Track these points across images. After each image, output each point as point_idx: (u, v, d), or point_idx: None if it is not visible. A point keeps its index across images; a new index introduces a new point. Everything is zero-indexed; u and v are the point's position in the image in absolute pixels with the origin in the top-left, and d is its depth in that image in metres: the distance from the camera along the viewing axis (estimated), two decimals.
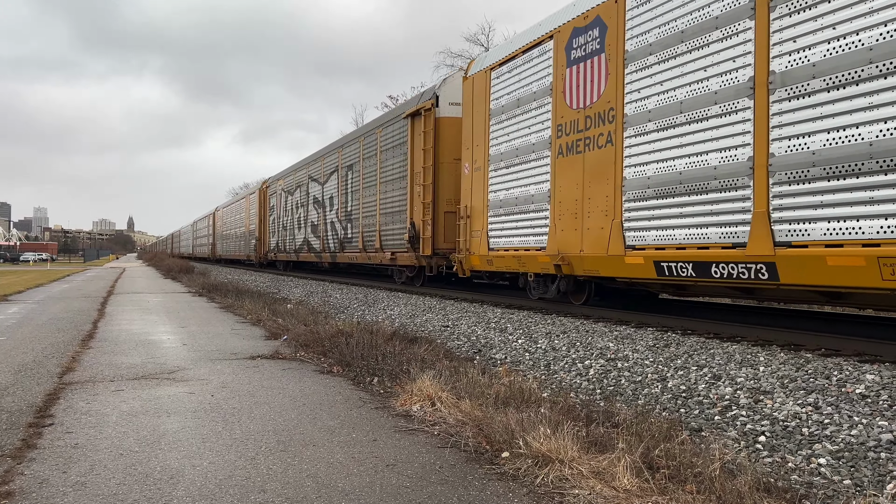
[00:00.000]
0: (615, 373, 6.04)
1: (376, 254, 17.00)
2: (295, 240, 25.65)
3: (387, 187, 16.40)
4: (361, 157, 18.35)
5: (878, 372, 5.12)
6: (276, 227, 29.21)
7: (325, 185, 21.91)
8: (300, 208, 24.89)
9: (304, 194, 24.28)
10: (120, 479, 3.47)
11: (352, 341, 7.19)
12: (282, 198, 28.23)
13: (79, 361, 7.05)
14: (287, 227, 26.95)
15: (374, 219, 17.09)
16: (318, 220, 22.31)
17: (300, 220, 24.80)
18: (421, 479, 3.48)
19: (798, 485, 3.39)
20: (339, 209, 20.13)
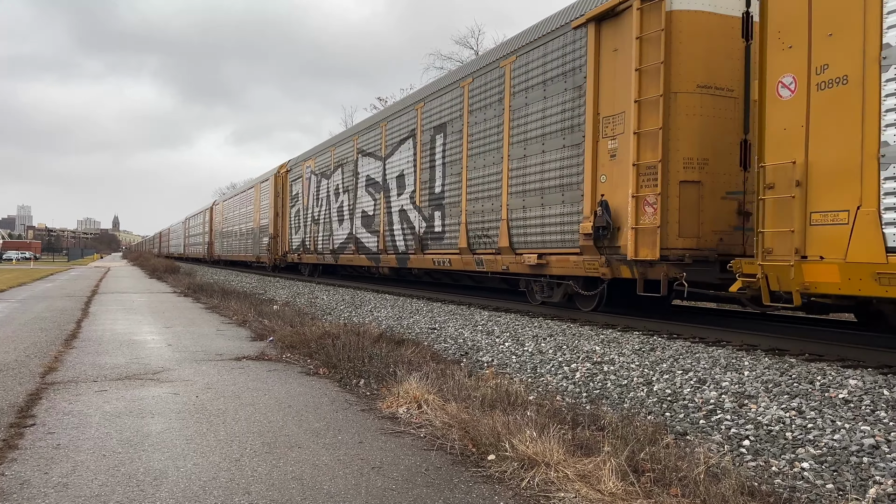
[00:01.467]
0: (601, 376, 6.06)
1: (497, 256, 11.14)
2: (333, 237, 19.50)
3: (529, 148, 10.40)
4: (466, 109, 12.22)
5: (860, 377, 5.18)
6: (300, 221, 23.13)
7: (388, 160, 15.94)
8: (342, 194, 18.90)
9: (350, 175, 18.29)
10: (102, 481, 3.43)
11: (338, 343, 7.16)
12: (311, 183, 22.07)
13: (62, 361, 6.98)
14: (320, 219, 20.81)
15: (496, 201, 11.16)
16: (375, 208, 16.58)
17: (342, 211, 18.81)
18: (407, 481, 3.47)
19: (781, 489, 3.41)
20: (418, 191, 14.13)
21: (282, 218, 25.79)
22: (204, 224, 47.44)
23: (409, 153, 14.79)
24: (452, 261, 12.75)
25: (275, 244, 26.44)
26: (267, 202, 27.70)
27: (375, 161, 16.79)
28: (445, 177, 13.05)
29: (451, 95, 12.96)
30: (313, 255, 21.61)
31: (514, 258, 10.67)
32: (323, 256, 20.61)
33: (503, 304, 11.91)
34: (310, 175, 22.44)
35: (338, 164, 19.62)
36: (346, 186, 18.74)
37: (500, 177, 11.15)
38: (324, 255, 20.52)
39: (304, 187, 22.89)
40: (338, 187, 19.51)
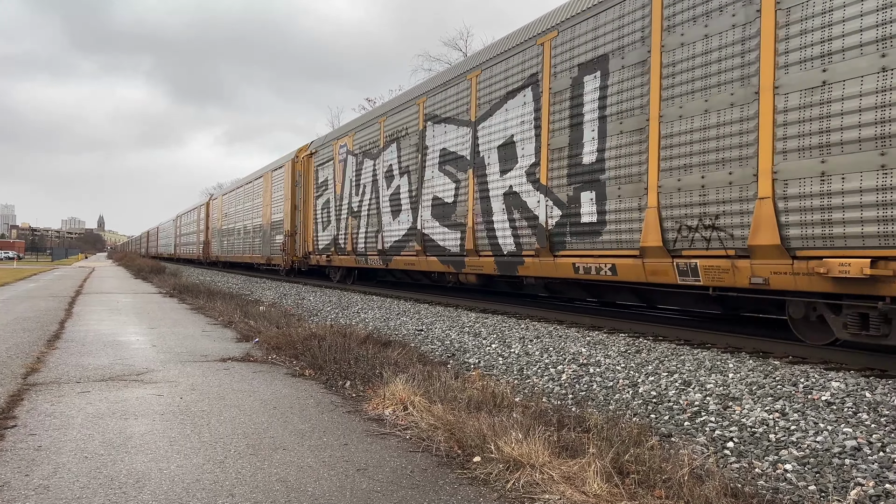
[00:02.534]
0: (587, 378, 6.08)
1: (752, 263, 6.50)
2: (382, 233, 14.97)
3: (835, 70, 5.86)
4: (658, 24, 7.73)
5: (843, 379, 5.22)
6: (329, 215, 18.63)
7: (481, 125, 11.24)
8: (399, 177, 14.32)
9: (412, 151, 13.71)
10: (84, 483, 3.40)
11: (324, 344, 7.14)
12: (348, 166, 17.47)
13: (44, 362, 6.91)
14: (361, 211, 16.35)
15: (747, 168, 6.60)
16: (458, 192, 11.91)
17: (399, 198, 14.26)
18: (392, 483, 3.46)
19: (765, 490, 3.44)
20: (544, 164, 9.61)
21: (302, 212, 21.12)
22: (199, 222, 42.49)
23: (523, 110, 10.09)
24: (621, 267, 8.15)
25: (292, 243, 21.86)
26: (281, 194, 23.30)
27: (457, 128, 12.01)
28: (607, 137, 8.49)
29: (622, 9, 8.31)
30: (349, 257, 16.96)
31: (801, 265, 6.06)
32: (365, 258, 15.93)
33: (490, 305, 11.92)
34: (345, 156, 17.67)
35: (391, 139, 14.82)
36: (406, 166, 14.01)
37: (752, 126, 6.54)
38: (366, 257, 15.87)
39: (337, 172, 18.12)
40: (391, 168, 14.77)
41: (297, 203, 21.76)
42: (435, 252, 12.76)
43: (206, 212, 39.75)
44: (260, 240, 26.31)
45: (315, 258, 19.96)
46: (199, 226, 41.98)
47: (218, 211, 36.46)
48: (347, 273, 19.27)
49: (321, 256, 19.34)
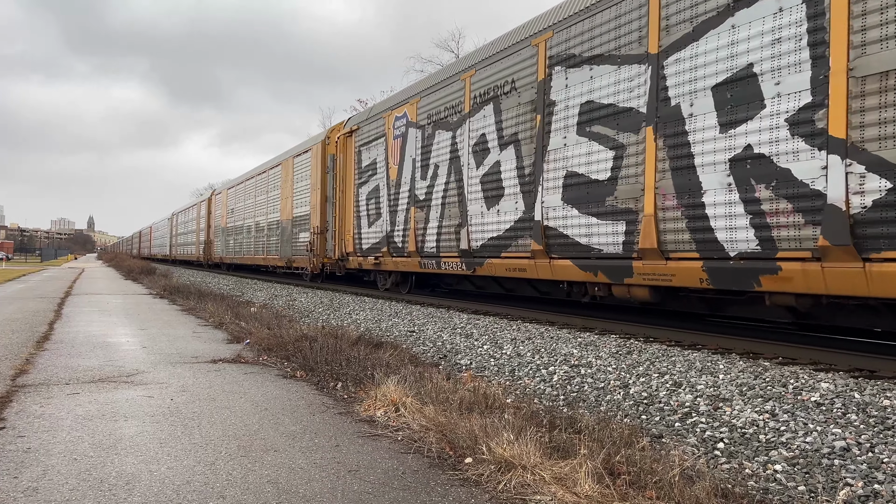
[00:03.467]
0: (578, 379, 6.09)
1: None
2: (469, 227, 11.41)
3: None
4: None
5: (832, 380, 5.26)
6: (380, 206, 14.97)
7: (670, 59, 7.65)
8: (498, 150, 10.68)
9: (521, 113, 10.16)
10: (73, 485, 3.38)
11: (316, 346, 7.12)
12: (409, 144, 13.66)
13: (33, 364, 6.86)
14: (431, 200, 12.74)
15: None
16: (613, 164, 8.40)
17: (496, 179, 10.73)
18: (383, 484, 3.46)
19: (755, 491, 3.45)
20: (873, 98, 5.60)
21: (338, 204, 17.27)
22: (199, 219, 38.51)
23: (779, 21, 6.50)
24: None
25: (321, 243, 18.15)
26: (306, 184, 19.68)
27: (617, 69, 8.38)
28: None
29: None
30: (410, 259, 13.40)
31: None
32: (436, 261, 12.38)
33: (482, 306, 11.92)
34: (404, 130, 13.91)
35: (483, 99, 11.11)
36: (511, 134, 10.31)
37: None
38: (438, 260, 12.31)
39: (392, 151, 14.47)
40: (482, 139, 11.02)
41: (330, 194, 17.93)
42: (568, 252, 8.99)
43: (208, 208, 35.89)
44: (277, 239, 22.53)
45: (356, 260, 16.15)
46: (200, 224, 38.06)
47: (222, 207, 32.55)
48: (403, 279, 15.16)
49: (366, 258, 15.52)
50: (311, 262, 18.78)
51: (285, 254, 21.72)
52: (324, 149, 18.64)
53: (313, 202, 19.11)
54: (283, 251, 22.02)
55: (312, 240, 18.84)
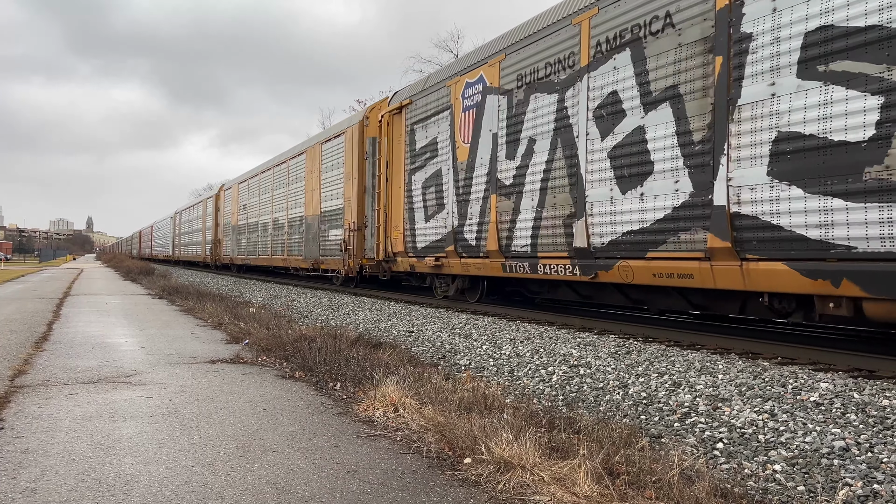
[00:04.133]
0: (578, 379, 6.09)
1: None
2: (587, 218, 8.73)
3: None
4: None
5: (831, 380, 5.26)
6: (443, 195, 12.34)
7: None
8: (639, 113, 8.02)
9: (681, 59, 7.46)
10: (72, 486, 3.37)
11: (314, 346, 7.12)
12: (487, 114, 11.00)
13: (31, 364, 6.85)
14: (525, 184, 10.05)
15: None
16: (883, 116, 5.51)
17: (640, 152, 7.98)
18: (382, 485, 3.46)
19: (754, 491, 3.45)
20: None
21: (382, 195, 14.58)
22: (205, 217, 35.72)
23: None
24: None
25: (359, 241, 15.78)
26: (339, 172, 17.17)
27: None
28: None
29: None
30: (486, 261, 10.84)
31: None
32: (531, 263, 9.78)
33: (480, 307, 11.92)
34: (480, 98, 11.11)
35: (615, 45, 8.45)
36: (663, 89, 7.71)
37: None
38: (535, 262, 9.70)
39: (461, 126, 11.65)
40: (611, 100, 8.45)
41: (370, 184, 15.55)
42: (781, 252, 6.40)
43: (216, 205, 33.02)
44: (300, 237, 19.89)
45: (406, 262, 13.55)
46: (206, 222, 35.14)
47: (232, 203, 29.50)
48: (471, 285, 12.33)
49: (421, 260, 12.87)
50: (346, 264, 16.08)
51: (311, 254, 18.83)
52: (361, 131, 15.86)
53: (348, 194, 16.44)
54: (307, 251, 19.16)
55: (347, 238, 16.14)
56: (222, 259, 31.50)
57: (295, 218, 21.04)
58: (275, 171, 23.77)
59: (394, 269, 14.47)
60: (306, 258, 19.38)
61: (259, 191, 25.62)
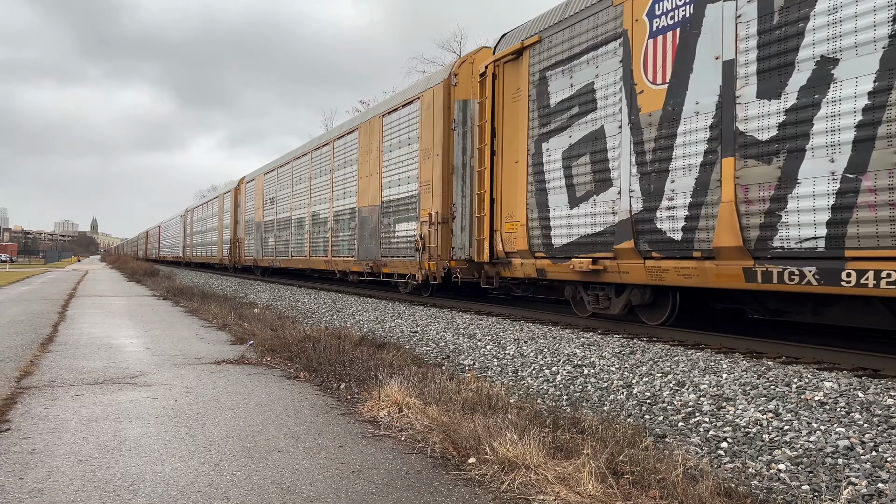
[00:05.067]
0: (582, 379, 6.09)
1: None
2: None
3: None
4: None
5: (836, 379, 5.25)
6: (616, 164, 8.37)
7: None
8: None
9: None
10: (78, 486, 3.39)
11: (319, 346, 7.13)
12: (711, 33, 7.13)
13: (38, 365, 6.88)
14: (812, 135, 6.14)
15: None
16: None
17: None
18: (387, 484, 3.47)
19: (758, 490, 3.45)
20: None
21: (483, 175, 11.07)
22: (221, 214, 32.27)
23: None
24: None
25: (443, 237, 12.28)
26: (411, 151, 13.62)
27: None
28: None
29: None
30: (713, 265, 7.11)
31: None
32: (843, 274, 5.86)
33: (484, 307, 11.93)
34: (689, 12, 7.46)
35: None
36: None
37: None
38: (840, 270, 5.89)
39: (648, 60, 7.98)
40: None
41: (460, 163, 11.97)
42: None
43: (234, 200, 29.43)
44: (350, 234, 16.23)
45: (530, 265, 9.95)
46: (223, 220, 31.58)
47: (255, 197, 25.81)
48: (653, 299, 8.56)
49: (563, 262, 9.24)
50: (423, 267, 12.44)
51: (367, 255, 15.13)
52: (447, 93, 12.41)
53: (426, 177, 12.70)
54: (362, 251, 15.49)
55: (425, 233, 12.43)
56: (243, 260, 27.71)
57: (343, 210, 17.11)
58: (313, 156, 19.81)
59: (507, 275, 10.73)
60: (360, 259, 15.45)
61: (292, 181, 21.51)
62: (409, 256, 13.35)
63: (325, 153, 18.90)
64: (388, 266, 14.33)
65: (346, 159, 17.33)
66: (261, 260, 25.21)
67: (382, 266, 14.61)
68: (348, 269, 16.68)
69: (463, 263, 11.79)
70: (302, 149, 21.51)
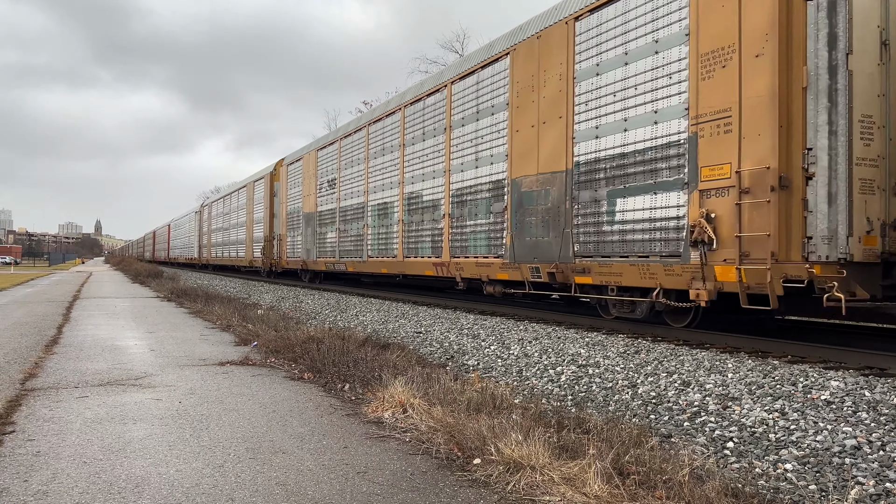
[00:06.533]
0: (586, 379, 6.08)
1: None
2: None
3: None
4: None
5: (842, 378, 5.22)
6: None
7: None
8: None
9: None
10: (83, 488, 3.39)
11: (323, 347, 7.13)
12: None
13: (42, 367, 6.89)
14: None
15: None
16: None
17: None
18: (392, 486, 3.46)
19: (765, 490, 3.43)
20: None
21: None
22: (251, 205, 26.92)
23: None
24: None
25: (778, 216, 6.29)
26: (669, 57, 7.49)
27: None
28: None
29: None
30: None
31: None
32: None
33: (488, 307, 11.91)
34: None
35: None
36: None
37: None
38: None
39: None
40: None
41: (826, 63, 6.11)
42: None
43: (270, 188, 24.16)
44: (491, 221, 10.81)
45: None
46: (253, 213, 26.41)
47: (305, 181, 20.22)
48: None
49: None
50: (713, 276, 6.89)
51: (537, 253, 9.58)
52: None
53: (717, 101, 6.96)
54: (522, 247, 9.94)
55: (719, 211, 6.89)
56: (285, 262, 22.04)
57: (474, 187, 11.30)
58: (406, 112, 13.95)
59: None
60: (517, 261, 9.96)
61: (367, 153, 15.85)
62: (661, 256, 7.60)
63: (434, 106, 12.92)
64: (594, 273, 8.56)
65: (479, 107, 11.30)
66: (314, 262, 19.20)
67: (577, 273, 8.81)
68: (485, 277, 10.92)
69: (836, 269, 6.04)
70: (386, 106, 15.59)
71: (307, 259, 19.84)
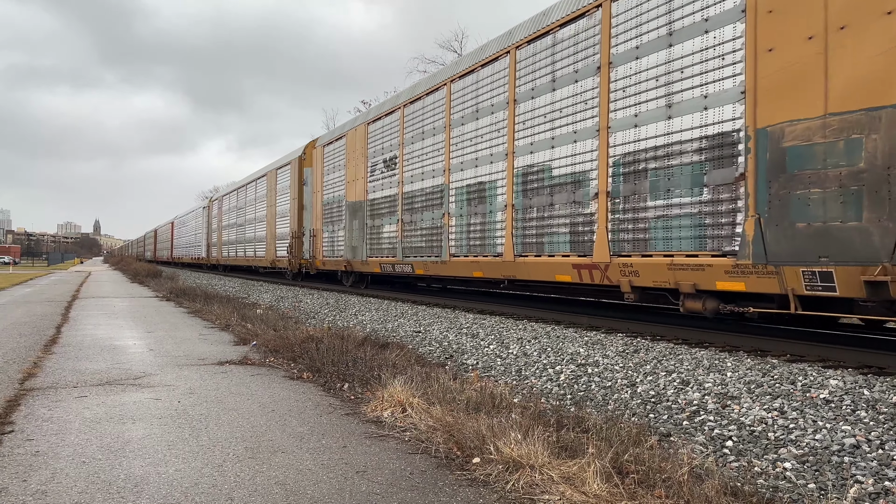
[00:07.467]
0: (585, 378, 6.08)
1: None
2: None
3: None
4: None
5: (841, 377, 5.23)
6: None
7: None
8: None
9: None
10: (82, 488, 3.38)
11: (322, 347, 7.13)
12: None
13: (41, 367, 6.88)
14: None
15: None
16: None
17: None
18: (391, 485, 3.46)
19: (764, 489, 3.44)
20: None
21: None
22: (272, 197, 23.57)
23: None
24: None
25: None
26: None
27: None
28: None
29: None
30: None
31: None
32: None
33: (488, 306, 11.91)
34: None
35: None
36: None
37: None
38: None
39: None
40: None
41: None
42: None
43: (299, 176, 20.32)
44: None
45: None
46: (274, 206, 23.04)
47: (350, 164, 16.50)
48: None
49: None
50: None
51: (846, 249, 5.48)
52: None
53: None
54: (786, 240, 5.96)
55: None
56: (320, 263, 18.33)
57: (669, 147, 7.29)
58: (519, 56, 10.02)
59: None
60: (837, 260, 5.58)
61: (449, 119, 11.99)
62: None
63: (574, 39, 8.82)
64: None
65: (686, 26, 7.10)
66: (362, 262, 15.50)
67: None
68: (688, 285, 7.04)
69: None
70: (476, 54, 11.46)
71: (352, 259, 16.07)
